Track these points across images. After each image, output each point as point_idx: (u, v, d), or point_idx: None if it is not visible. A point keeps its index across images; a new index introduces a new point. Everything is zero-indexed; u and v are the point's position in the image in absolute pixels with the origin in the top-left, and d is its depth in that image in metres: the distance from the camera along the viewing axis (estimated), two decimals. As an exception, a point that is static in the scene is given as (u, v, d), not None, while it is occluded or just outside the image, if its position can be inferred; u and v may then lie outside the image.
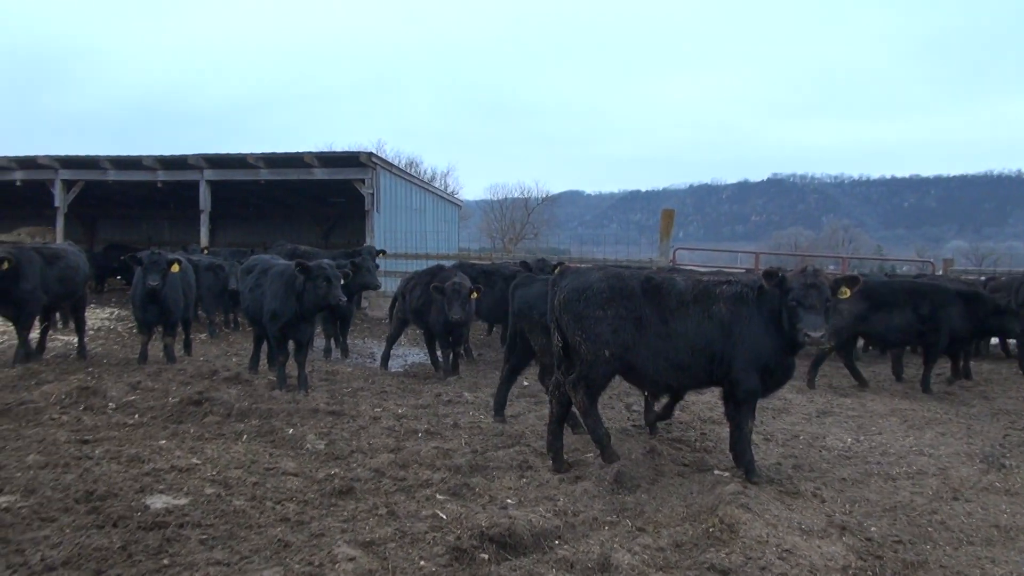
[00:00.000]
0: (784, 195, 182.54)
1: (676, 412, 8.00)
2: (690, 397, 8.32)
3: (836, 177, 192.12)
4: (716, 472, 5.89)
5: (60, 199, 20.68)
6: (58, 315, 12.59)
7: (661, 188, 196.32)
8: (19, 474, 5.19)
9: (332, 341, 12.09)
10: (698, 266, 16.80)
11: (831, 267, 32.58)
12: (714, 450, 6.64)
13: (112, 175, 20.51)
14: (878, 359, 12.86)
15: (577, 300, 5.86)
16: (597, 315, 5.78)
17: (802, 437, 7.28)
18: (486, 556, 4.16)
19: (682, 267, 13.48)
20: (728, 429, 6.08)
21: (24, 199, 24.79)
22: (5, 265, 9.23)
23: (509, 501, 5.17)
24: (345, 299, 8.38)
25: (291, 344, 8.88)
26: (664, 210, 17.18)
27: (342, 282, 8.71)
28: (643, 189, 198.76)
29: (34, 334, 11.44)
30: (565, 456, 6.08)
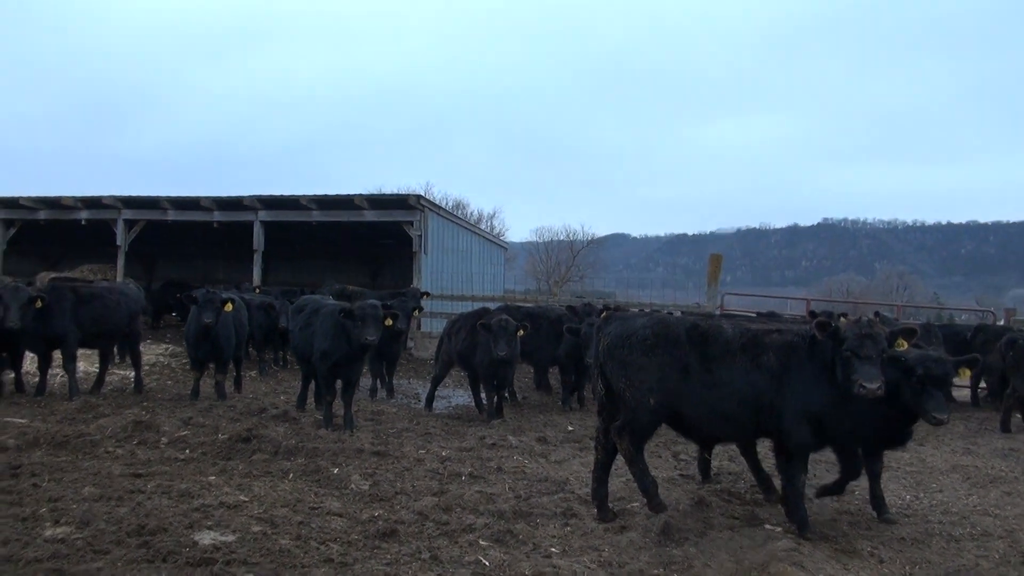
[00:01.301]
0: (836, 240, 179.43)
1: (726, 463, 7.84)
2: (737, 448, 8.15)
3: (889, 223, 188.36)
4: (768, 527, 5.72)
5: (122, 238, 21.45)
6: (115, 350, 12.96)
7: (708, 232, 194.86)
8: (75, 506, 5.31)
9: (378, 381, 12.19)
10: (745, 311, 16.58)
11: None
12: (765, 503, 6.46)
13: (172, 215, 21.24)
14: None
15: (622, 346, 5.83)
16: (642, 362, 5.74)
17: (858, 492, 7.03)
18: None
19: (734, 313, 13.32)
20: (780, 482, 5.92)
21: (88, 237, 25.77)
22: (39, 303, 9.61)
23: (553, 550, 5.10)
24: (374, 340, 8.47)
25: (339, 383, 8.99)
26: (712, 255, 17.05)
27: (388, 323, 8.82)
28: (690, 233, 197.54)
29: (92, 368, 11.80)
30: (610, 504, 5.99)
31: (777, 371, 5.57)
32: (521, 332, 10.03)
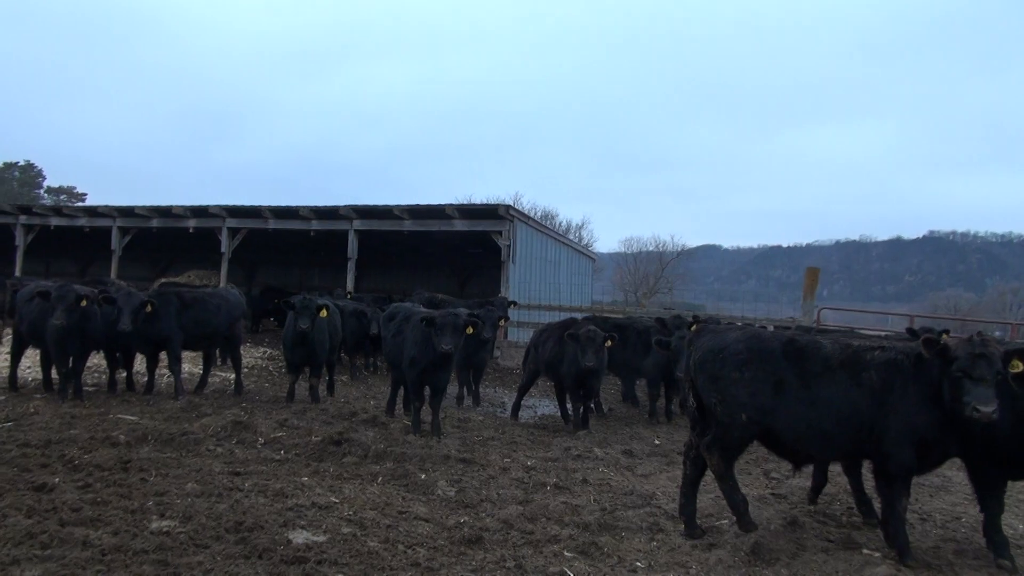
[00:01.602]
0: (942, 254, 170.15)
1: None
2: (836, 467, 7.81)
3: (1003, 236, 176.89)
4: (865, 551, 5.46)
5: (226, 245, 22.52)
6: (217, 352, 13.59)
7: (804, 244, 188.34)
8: (178, 500, 5.58)
9: (465, 389, 12.32)
10: (842, 327, 15.92)
11: (997, 334, 29.89)
12: (863, 527, 6.16)
13: (272, 224, 22.15)
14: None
15: (713, 360, 5.69)
16: (733, 377, 5.59)
17: (964, 520, 6.63)
18: (614, 621, 4.03)
19: (830, 328, 12.82)
20: (880, 505, 5.64)
21: (195, 244, 27.22)
22: (148, 308, 10.19)
23: (639, 564, 5.02)
24: (450, 348, 8.57)
25: (427, 390, 9.14)
26: (809, 268, 16.48)
27: (469, 331, 8.93)
28: (784, 244, 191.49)
29: (196, 369, 12.41)
30: (698, 521, 5.84)
31: (879, 390, 5.31)
32: (609, 343, 9.95)
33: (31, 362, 12.06)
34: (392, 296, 20.38)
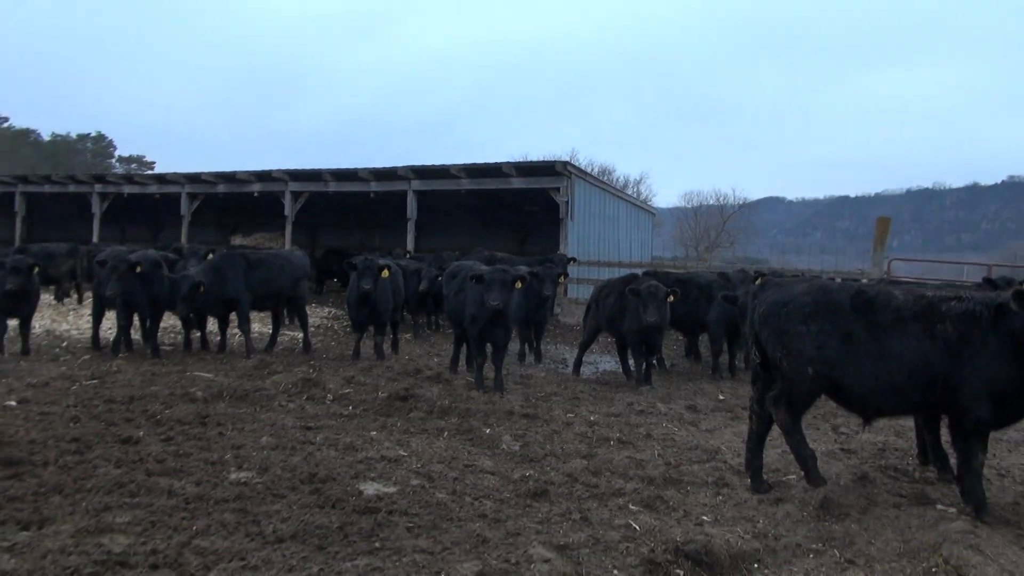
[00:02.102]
0: (1022, 199, 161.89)
1: (892, 438, 7.39)
2: (905, 422, 7.63)
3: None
4: (939, 507, 5.34)
5: (289, 208, 22.97)
6: (285, 312, 13.98)
7: (873, 193, 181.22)
8: (255, 453, 5.81)
9: (526, 346, 12.39)
10: (917, 279, 15.37)
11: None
12: (937, 482, 6.02)
13: (332, 186, 22.47)
14: None
15: (778, 314, 5.57)
16: (799, 330, 5.47)
17: (1045, 475, 6.41)
18: (681, 572, 4.06)
19: (901, 280, 12.40)
20: (955, 460, 5.49)
21: (259, 208, 27.84)
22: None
23: (705, 518, 5.02)
24: (498, 303, 8.58)
25: (489, 347, 9.23)
26: (879, 218, 15.92)
27: (518, 285, 8.97)
28: (852, 195, 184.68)
29: (265, 329, 12.79)
30: (765, 476, 5.80)
31: (955, 342, 5.13)
32: (671, 298, 9.85)
33: (111, 323, 12.62)
34: (443, 254, 20.52)
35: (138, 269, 10.05)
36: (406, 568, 3.89)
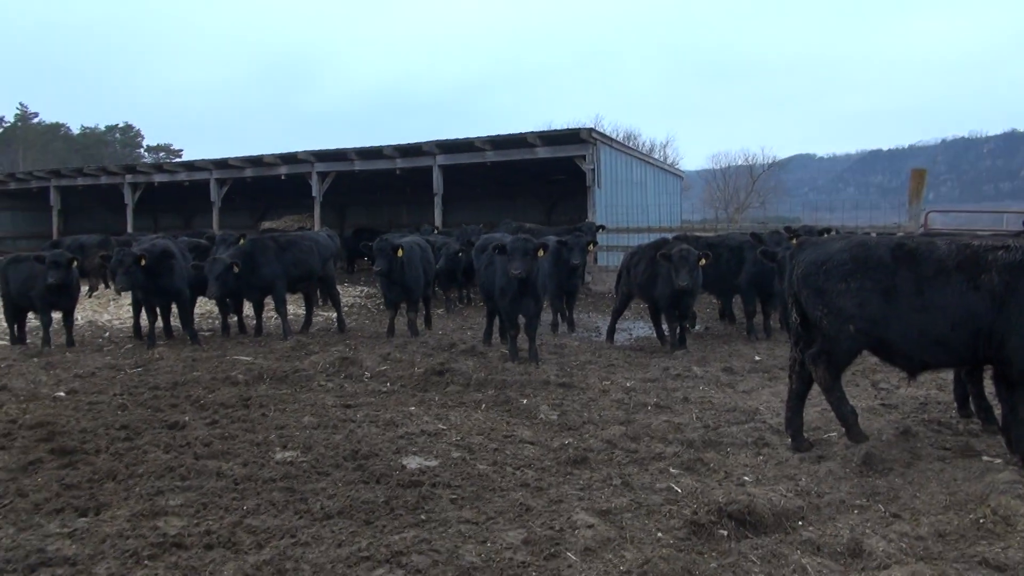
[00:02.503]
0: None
1: (934, 392, 7.30)
2: (947, 375, 7.52)
3: None
4: (985, 458, 5.27)
5: (316, 189, 23.10)
6: (318, 293, 14.13)
7: (907, 145, 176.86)
8: (297, 433, 5.92)
9: (559, 315, 12.40)
10: (956, 229, 15.02)
11: None
12: (981, 434, 5.94)
13: (358, 165, 22.53)
14: None
15: (817, 273, 5.50)
16: (839, 288, 5.39)
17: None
18: (725, 532, 4.07)
19: (939, 232, 12.16)
20: (1001, 412, 5.41)
21: (287, 190, 28.05)
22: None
23: (746, 478, 5.01)
24: (521, 272, 8.57)
25: (521, 318, 9.25)
26: (913, 170, 15.55)
27: (541, 254, 8.99)
28: (884, 148, 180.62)
29: (299, 310, 12.94)
30: (806, 435, 5.77)
31: (1001, 293, 5.02)
32: (702, 261, 9.77)
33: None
34: (462, 227, 20.54)
35: (142, 262, 10.07)
36: (453, 539, 3.96)
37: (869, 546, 3.82)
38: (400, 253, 10.70)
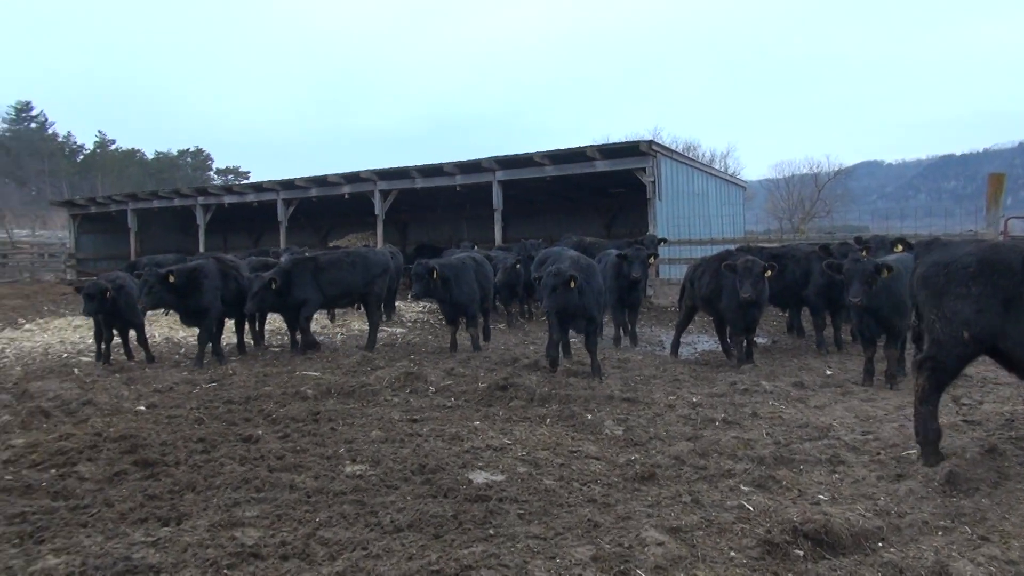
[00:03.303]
0: None
1: (1021, 408, 6.98)
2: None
3: None
4: (1079, 478, 5.01)
5: (379, 207, 23.53)
6: (383, 308, 14.33)
7: (981, 150, 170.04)
8: (366, 447, 6.01)
9: (621, 329, 12.31)
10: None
11: None
12: (1074, 452, 5.64)
13: (420, 183, 22.87)
14: None
15: (937, 275, 5.36)
16: (959, 292, 5.22)
17: None
18: (800, 553, 3.96)
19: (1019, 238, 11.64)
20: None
21: (350, 208, 28.64)
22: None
23: (821, 497, 4.87)
24: (547, 306, 8.74)
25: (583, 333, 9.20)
26: (991, 174, 14.95)
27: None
28: (957, 153, 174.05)
29: (364, 326, 13.16)
30: (879, 453, 5.57)
31: None
32: (768, 272, 9.58)
33: (228, 330, 13.27)
34: (517, 241, 20.61)
35: (171, 279, 10.23)
36: (521, 554, 3.96)
37: (956, 570, 3.67)
38: (436, 276, 10.63)
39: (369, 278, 11.93)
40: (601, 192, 26.48)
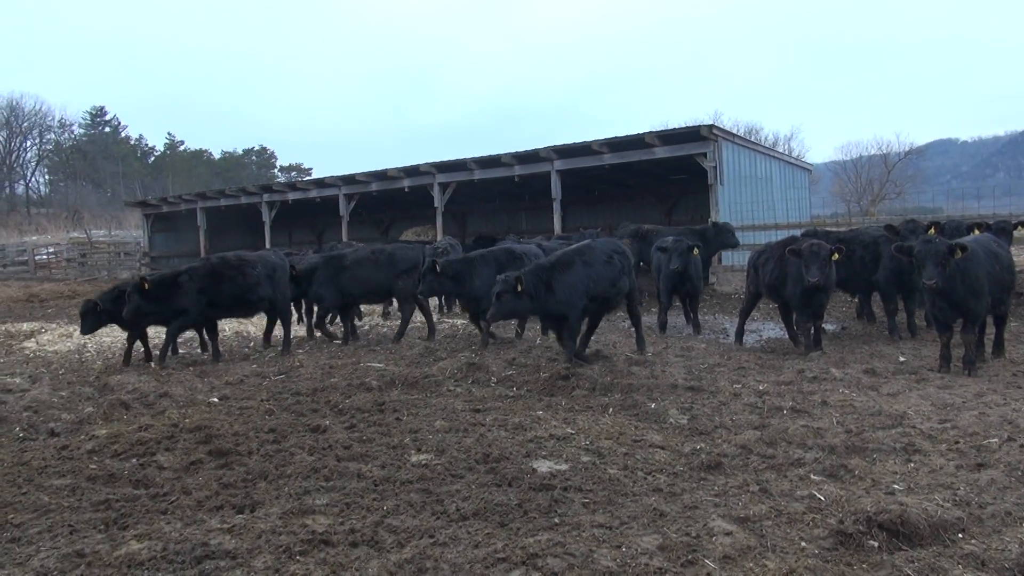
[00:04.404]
0: None
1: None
2: None
3: None
4: None
5: (438, 200, 23.75)
6: (443, 301, 14.44)
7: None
8: (430, 436, 6.09)
9: (682, 316, 12.16)
10: None
11: None
12: None
13: (478, 174, 22.97)
14: None
15: None
16: None
17: None
18: (875, 544, 3.85)
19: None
20: None
21: (410, 201, 28.99)
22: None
23: (896, 486, 4.72)
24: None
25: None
26: (1075, 149, 14.19)
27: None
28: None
29: (421, 317, 13.31)
30: (958, 441, 5.36)
31: None
32: (836, 256, 9.31)
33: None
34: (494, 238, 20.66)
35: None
36: (587, 543, 3.95)
37: (1042, 562, 3.51)
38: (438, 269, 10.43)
39: (398, 274, 12.01)
40: (661, 179, 26.12)
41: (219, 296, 10.75)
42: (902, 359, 8.82)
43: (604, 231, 20.17)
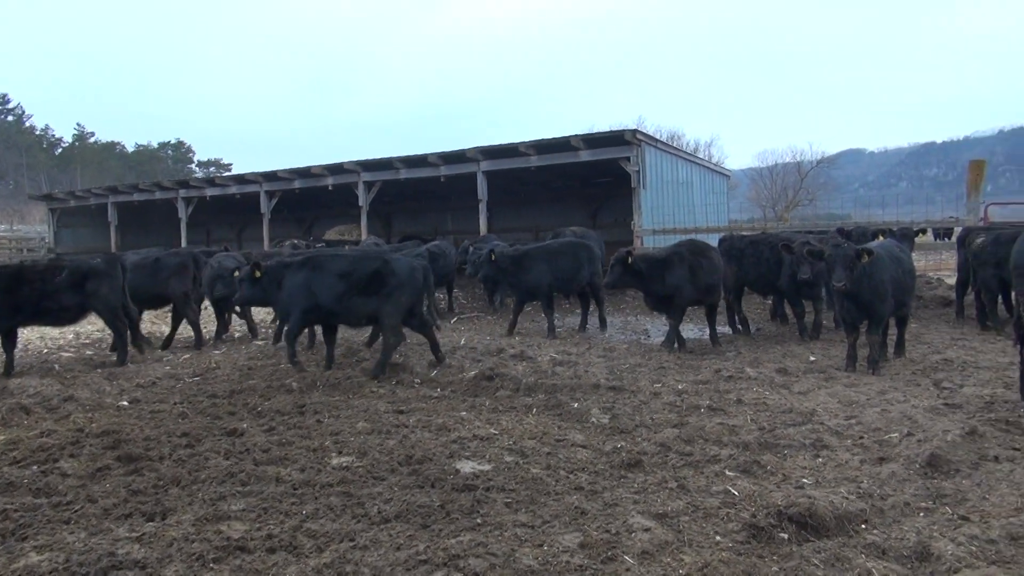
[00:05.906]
0: None
1: (1000, 390, 7.07)
2: (1013, 373, 7.27)
3: None
4: (1058, 459, 5.08)
5: (363, 198, 23.39)
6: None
7: (962, 137, 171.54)
8: (352, 438, 6.00)
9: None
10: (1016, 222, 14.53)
11: None
12: (1053, 434, 5.72)
13: (403, 173, 22.74)
14: None
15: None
16: None
17: None
18: (785, 536, 4.00)
19: (999, 225, 11.77)
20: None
21: (334, 200, 28.44)
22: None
23: (805, 481, 4.92)
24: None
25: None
26: (972, 161, 15.12)
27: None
28: (938, 140, 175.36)
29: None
30: (862, 437, 5.62)
31: None
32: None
33: (211, 322, 13.15)
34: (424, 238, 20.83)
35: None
36: (509, 542, 3.96)
37: (937, 549, 3.71)
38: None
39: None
40: (586, 182, 26.44)
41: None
42: (812, 359, 9.19)
43: (532, 233, 20.29)
